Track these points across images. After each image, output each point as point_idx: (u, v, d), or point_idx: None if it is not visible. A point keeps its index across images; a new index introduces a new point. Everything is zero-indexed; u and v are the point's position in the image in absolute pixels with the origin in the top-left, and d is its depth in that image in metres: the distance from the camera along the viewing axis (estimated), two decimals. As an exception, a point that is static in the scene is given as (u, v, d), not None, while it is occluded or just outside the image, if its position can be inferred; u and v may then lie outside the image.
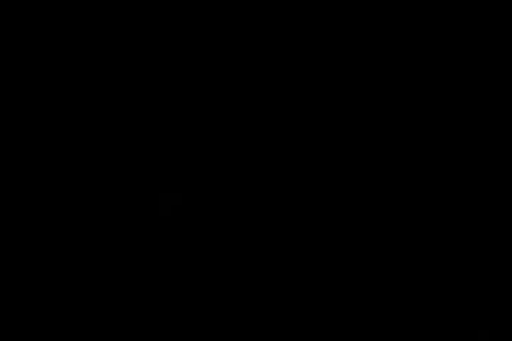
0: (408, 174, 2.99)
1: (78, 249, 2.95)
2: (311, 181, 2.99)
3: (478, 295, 2.92)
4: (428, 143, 3.00)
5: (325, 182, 2.99)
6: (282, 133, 3.01)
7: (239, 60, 3.04)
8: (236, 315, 2.93)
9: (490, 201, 2.97)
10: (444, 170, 2.99)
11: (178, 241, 2.97)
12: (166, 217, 2.97)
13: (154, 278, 2.95)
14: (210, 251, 2.96)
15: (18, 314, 2.91)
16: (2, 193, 2.97)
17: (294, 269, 2.95)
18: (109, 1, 3.03)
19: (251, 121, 3.02)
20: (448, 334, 2.90)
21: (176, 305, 2.93)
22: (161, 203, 2.97)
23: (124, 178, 2.99)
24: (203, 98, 3.03)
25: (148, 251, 2.96)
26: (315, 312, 2.93)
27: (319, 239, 2.97)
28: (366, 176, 3.00)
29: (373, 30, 3.03)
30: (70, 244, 2.95)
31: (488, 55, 3.02)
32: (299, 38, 3.04)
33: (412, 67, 3.02)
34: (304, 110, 3.02)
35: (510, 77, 3.01)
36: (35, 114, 3.00)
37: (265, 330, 2.92)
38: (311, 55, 3.04)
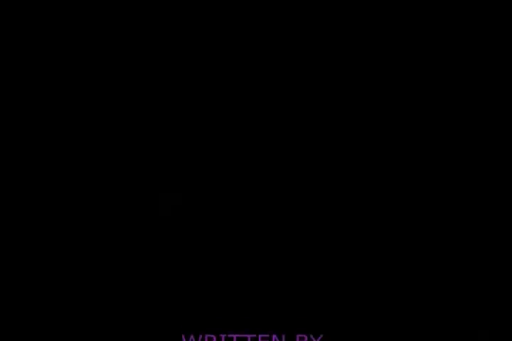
0: (408, 174, 3.00)
1: (78, 249, 2.95)
2: (311, 181, 3.00)
3: (478, 295, 2.92)
4: (428, 143, 3.01)
5: (325, 183, 3.00)
6: (282, 133, 3.02)
7: (239, 60, 3.04)
8: (236, 314, 2.93)
9: (490, 201, 2.97)
10: (444, 170, 3.00)
11: (178, 241, 2.97)
12: (166, 217, 2.97)
13: (154, 277, 2.95)
14: (209, 251, 2.97)
15: (18, 314, 2.92)
16: (2, 193, 2.97)
17: (293, 269, 2.96)
18: (109, 0, 3.03)
19: (250, 122, 3.02)
20: (448, 334, 2.90)
21: (175, 304, 2.94)
22: (161, 203, 2.98)
23: (124, 178, 2.99)
24: (203, 98, 3.04)
25: (149, 251, 2.96)
26: (315, 313, 2.93)
27: (319, 239, 2.97)
28: (366, 176, 3.00)
29: (373, 30, 3.04)
30: (70, 244, 2.95)
31: (488, 55, 3.03)
32: (299, 38, 3.04)
33: (412, 67, 3.03)
34: (303, 110, 3.02)
35: (511, 77, 3.01)
36: (35, 115, 3.01)
37: (265, 330, 2.92)
38: (311, 55, 3.04)
